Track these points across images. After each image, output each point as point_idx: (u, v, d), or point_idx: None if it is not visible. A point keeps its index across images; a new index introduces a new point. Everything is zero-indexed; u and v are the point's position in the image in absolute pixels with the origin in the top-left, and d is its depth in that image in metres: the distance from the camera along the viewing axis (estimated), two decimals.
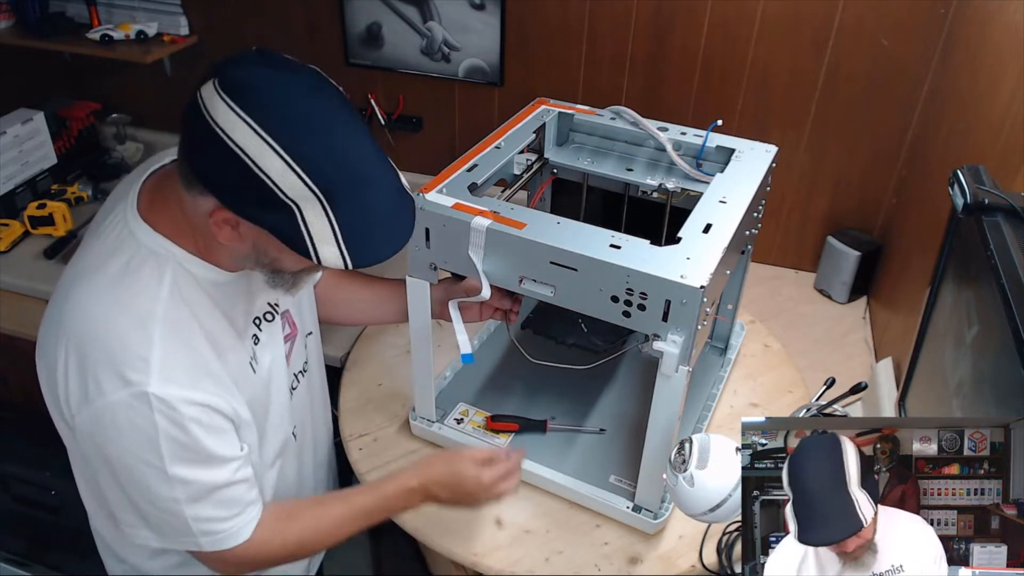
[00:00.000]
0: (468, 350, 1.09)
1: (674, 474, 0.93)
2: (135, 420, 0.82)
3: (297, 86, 0.77)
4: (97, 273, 0.86)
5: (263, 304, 1.01)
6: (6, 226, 1.89)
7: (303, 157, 0.74)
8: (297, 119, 0.75)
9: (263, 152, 0.73)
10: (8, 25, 2.06)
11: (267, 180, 0.74)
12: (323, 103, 0.78)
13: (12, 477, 1.90)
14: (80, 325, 0.84)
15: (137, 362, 0.81)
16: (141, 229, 0.87)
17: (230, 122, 0.73)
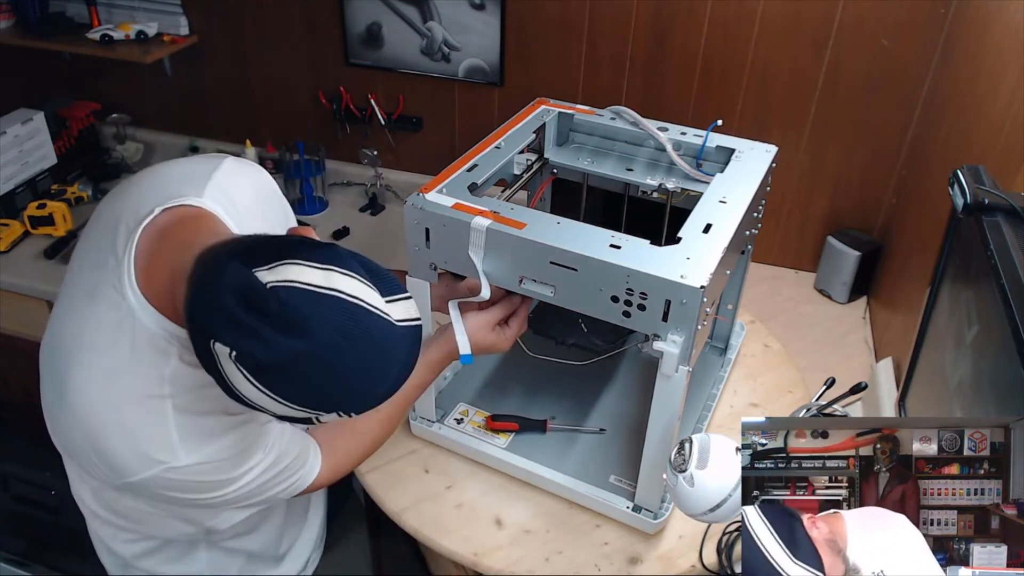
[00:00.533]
0: (468, 350, 1.09)
1: (674, 474, 0.93)
2: (175, 483, 0.83)
3: (314, 357, 0.68)
4: (97, 355, 0.81)
5: None
6: (6, 226, 1.89)
7: (308, 405, 0.71)
8: (309, 387, 0.69)
9: (272, 407, 0.71)
10: (8, 25, 2.06)
11: (258, 409, 0.72)
12: (345, 357, 0.69)
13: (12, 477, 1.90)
14: (90, 414, 0.81)
15: (160, 442, 0.80)
16: (143, 310, 0.81)
17: (242, 385, 0.69)
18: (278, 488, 0.93)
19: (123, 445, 0.80)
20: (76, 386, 0.81)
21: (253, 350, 0.67)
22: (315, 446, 0.99)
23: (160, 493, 0.84)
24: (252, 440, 0.88)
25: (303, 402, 0.71)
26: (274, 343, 0.67)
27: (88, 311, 0.83)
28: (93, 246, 0.88)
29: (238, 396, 0.71)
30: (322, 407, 0.72)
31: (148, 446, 0.80)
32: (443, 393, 1.35)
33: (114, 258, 0.83)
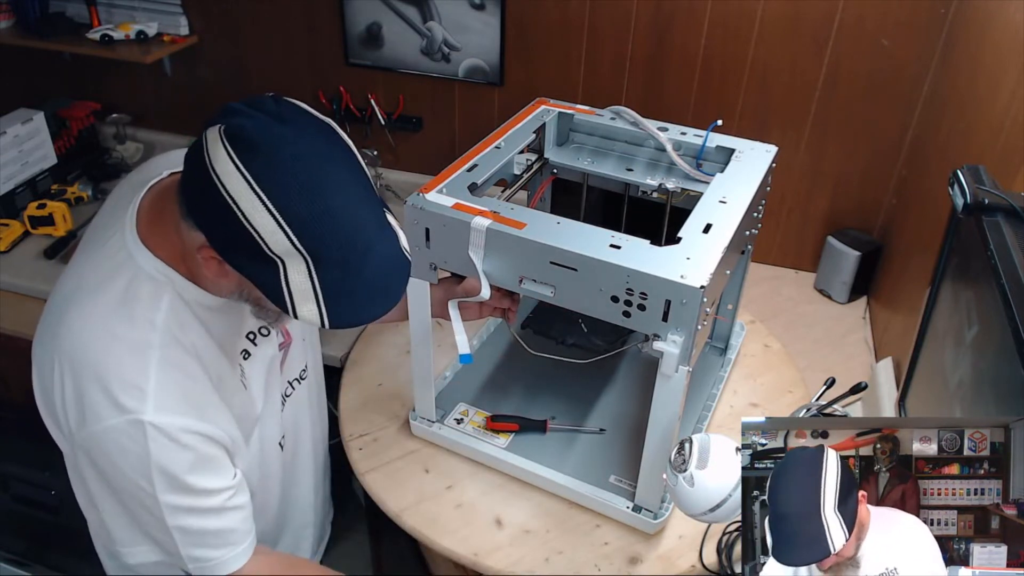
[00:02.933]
0: (467, 350, 1.10)
1: (674, 474, 0.93)
2: (128, 446, 0.82)
3: (304, 145, 0.75)
4: (94, 295, 0.85)
5: (256, 320, 1.00)
6: (6, 226, 1.89)
7: (295, 219, 0.73)
8: (296, 181, 0.74)
9: (255, 208, 0.73)
10: (8, 25, 2.06)
11: (255, 234, 0.73)
12: (327, 166, 0.76)
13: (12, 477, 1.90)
14: (76, 348, 0.84)
15: (132, 390, 0.82)
16: (140, 253, 0.86)
17: (228, 172, 0.73)
18: (196, 549, 0.91)
19: (99, 385, 0.82)
20: (70, 324, 0.85)
21: (243, 123, 0.74)
22: (250, 546, 0.96)
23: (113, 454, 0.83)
24: (208, 458, 0.88)
25: (283, 201, 0.72)
26: (264, 123, 0.74)
27: (92, 259, 0.89)
28: (108, 211, 0.94)
29: (218, 193, 0.73)
30: (300, 219, 0.73)
31: (121, 391, 0.81)
32: (443, 393, 1.35)
33: (122, 216, 0.89)
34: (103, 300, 0.85)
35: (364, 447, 1.29)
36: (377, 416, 1.35)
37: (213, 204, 0.74)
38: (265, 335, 1.02)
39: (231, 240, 0.75)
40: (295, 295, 0.77)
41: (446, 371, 1.39)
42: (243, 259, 0.76)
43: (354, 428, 1.32)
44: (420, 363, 1.22)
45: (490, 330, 1.52)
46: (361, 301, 0.80)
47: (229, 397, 0.93)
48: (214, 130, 0.74)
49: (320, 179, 0.75)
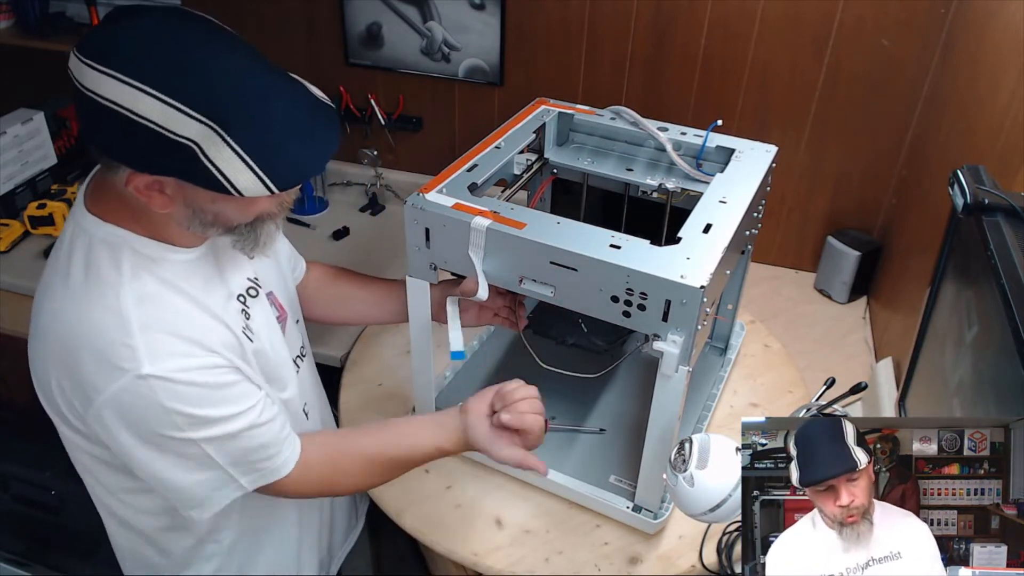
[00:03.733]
0: (459, 347, 1.09)
1: (674, 474, 0.93)
2: (139, 402, 0.82)
3: (155, 27, 0.75)
4: (60, 279, 0.86)
5: (242, 281, 0.99)
6: (6, 226, 1.89)
7: (178, 91, 0.72)
8: (161, 56, 0.73)
9: (136, 98, 0.71)
10: (8, 25, 2.06)
11: (151, 125, 0.72)
12: (189, 35, 0.75)
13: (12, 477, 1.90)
14: (57, 335, 0.84)
15: (123, 349, 0.81)
16: (89, 221, 0.86)
17: (96, 81, 0.72)
18: (247, 464, 0.90)
19: (90, 357, 0.81)
20: (46, 315, 0.85)
21: (89, 38, 0.74)
22: (294, 445, 0.96)
23: (129, 416, 0.83)
24: (223, 385, 0.87)
25: (155, 78, 0.71)
26: (108, 28, 0.74)
27: (53, 251, 0.90)
28: None
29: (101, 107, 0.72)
30: (182, 88, 0.72)
31: (112, 354, 0.81)
32: (443, 393, 1.35)
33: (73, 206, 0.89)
34: (69, 279, 0.85)
35: None
36: (377, 416, 1.35)
37: (102, 122, 0.73)
38: (254, 296, 1.00)
39: (138, 147, 0.74)
40: (225, 170, 0.75)
41: (446, 371, 1.39)
42: (161, 162, 0.75)
43: None
44: (420, 363, 1.22)
45: (490, 330, 1.52)
46: (294, 152, 0.78)
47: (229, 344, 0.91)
48: (72, 59, 0.74)
49: (188, 46, 0.74)
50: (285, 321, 1.08)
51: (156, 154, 0.74)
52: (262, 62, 0.79)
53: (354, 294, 1.26)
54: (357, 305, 1.27)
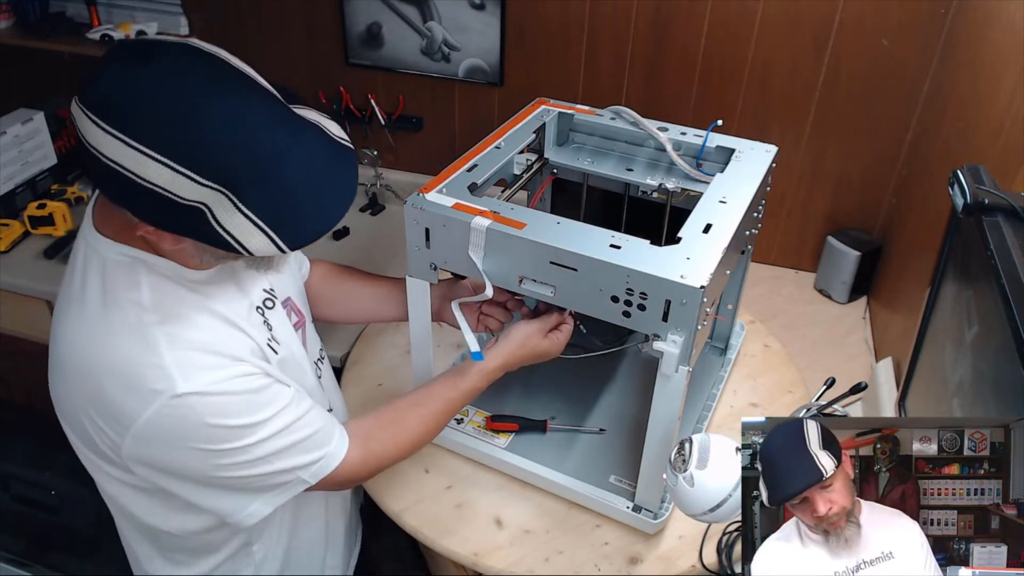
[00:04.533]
0: (477, 348, 1.08)
1: (674, 474, 0.93)
2: (180, 423, 0.79)
3: (162, 76, 0.70)
4: (77, 305, 0.83)
5: (259, 292, 0.97)
6: (6, 226, 1.89)
7: (186, 156, 0.69)
8: (168, 115, 0.69)
9: (143, 163, 0.69)
10: (8, 25, 2.06)
11: (159, 190, 0.70)
12: (199, 84, 0.71)
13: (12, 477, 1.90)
14: (78, 365, 0.81)
15: (152, 371, 0.78)
16: (101, 242, 0.83)
17: (101, 140, 0.69)
18: (297, 460, 0.89)
19: (119, 384, 0.78)
20: (64, 340, 0.82)
21: (94, 86, 0.69)
22: (341, 429, 0.96)
23: (170, 438, 0.80)
24: (258, 389, 0.85)
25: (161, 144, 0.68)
26: (114, 74, 0.69)
27: (68, 274, 0.86)
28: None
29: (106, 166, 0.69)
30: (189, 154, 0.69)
31: (142, 378, 0.77)
32: None
33: (82, 228, 0.87)
34: (86, 304, 0.82)
35: None
36: None
37: (110, 179, 0.70)
38: (270, 307, 0.98)
39: (146, 206, 0.71)
40: (235, 233, 0.73)
41: None
42: (169, 219, 0.72)
43: None
44: (420, 363, 1.22)
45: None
46: (309, 210, 0.75)
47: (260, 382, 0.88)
48: (74, 106, 0.70)
49: (191, 102, 0.70)
50: (304, 327, 1.08)
51: (164, 213, 0.72)
52: (276, 109, 0.75)
53: (358, 292, 1.26)
54: (361, 303, 1.26)
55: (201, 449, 0.82)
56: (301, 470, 0.90)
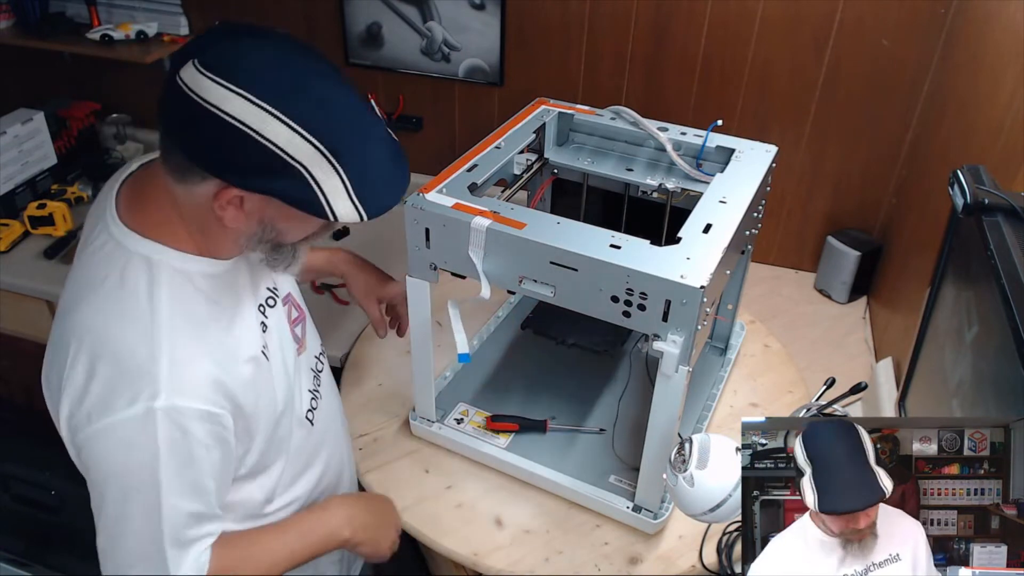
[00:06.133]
0: (465, 349, 1.09)
1: (674, 474, 0.93)
2: (137, 439, 0.80)
3: (275, 51, 0.78)
4: (95, 292, 0.84)
5: (264, 291, 0.99)
6: (6, 226, 1.89)
7: (303, 118, 0.75)
8: (286, 82, 0.76)
9: (264, 120, 0.74)
10: (8, 25, 2.06)
11: (274, 148, 0.74)
12: (305, 63, 0.79)
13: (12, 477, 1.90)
14: (91, 332, 0.82)
15: (145, 377, 0.80)
16: (126, 237, 0.85)
17: (222, 97, 0.73)
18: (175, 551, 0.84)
19: (111, 372, 0.80)
20: (74, 321, 0.83)
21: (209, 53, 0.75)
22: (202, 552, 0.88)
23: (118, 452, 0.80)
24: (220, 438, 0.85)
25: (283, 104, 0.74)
26: (226, 45, 0.77)
27: (84, 262, 0.88)
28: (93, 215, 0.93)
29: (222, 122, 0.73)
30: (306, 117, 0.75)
31: (134, 377, 0.80)
32: (443, 393, 1.35)
33: (104, 213, 0.88)
34: (104, 292, 0.84)
35: (364, 447, 1.29)
36: (377, 416, 1.35)
37: (219, 137, 0.74)
38: (272, 306, 0.99)
39: (249, 166, 0.76)
40: (329, 196, 0.78)
41: (446, 371, 1.39)
42: (267, 180, 0.77)
43: (354, 428, 1.32)
44: (420, 363, 1.22)
45: (490, 330, 1.52)
46: (382, 186, 0.82)
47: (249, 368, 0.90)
48: (188, 69, 0.75)
49: (307, 75, 0.78)
50: (304, 322, 1.08)
51: (266, 174, 0.76)
52: (361, 97, 0.82)
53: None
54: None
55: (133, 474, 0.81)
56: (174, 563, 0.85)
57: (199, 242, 0.87)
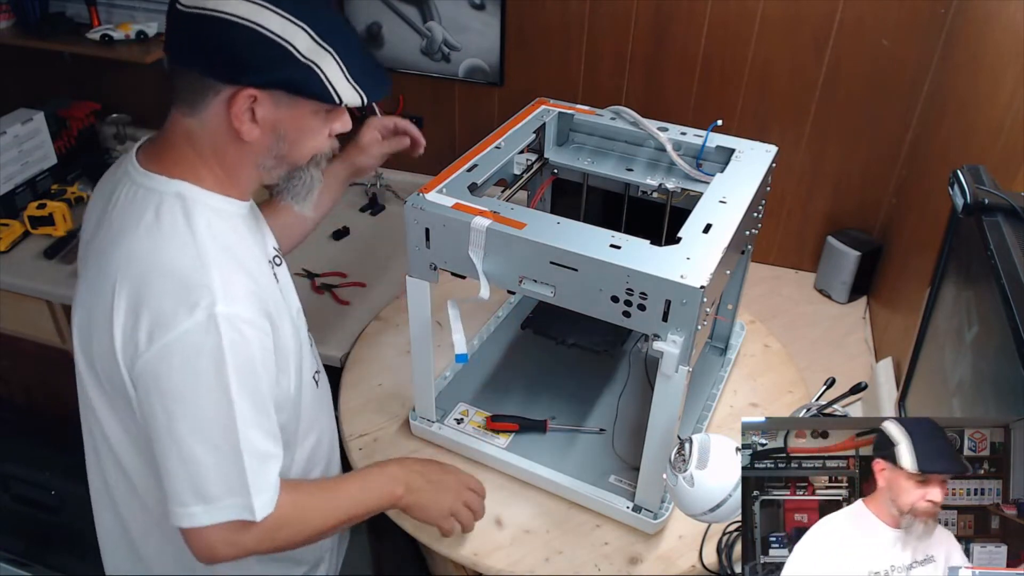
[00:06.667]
0: (463, 350, 1.09)
1: (674, 474, 0.93)
2: (204, 346, 0.83)
3: None
4: (133, 231, 0.88)
5: (271, 249, 1.03)
6: (6, 226, 1.89)
7: (291, 10, 0.83)
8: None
9: (258, 12, 0.81)
10: (8, 25, 2.06)
11: (272, 35, 0.82)
12: None
13: (12, 477, 1.90)
14: (133, 270, 0.86)
15: (201, 289, 0.84)
16: (154, 180, 0.90)
17: (236, 5, 0.81)
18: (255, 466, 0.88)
19: (169, 288, 0.84)
20: (120, 259, 0.87)
21: None
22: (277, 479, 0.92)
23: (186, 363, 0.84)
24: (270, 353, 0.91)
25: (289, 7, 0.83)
26: None
27: (113, 216, 0.92)
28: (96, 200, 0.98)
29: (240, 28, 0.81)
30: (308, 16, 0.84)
31: (189, 290, 0.84)
32: (443, 393, 1.35)
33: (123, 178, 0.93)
34: (142, 230, 0.87)
35: (364, 447, 1.29)
36: (377, 416, 1.35)
37: (223, 35, 0.81)
38: (279, 264, 1.03)
39: (255, 59, 0.83)
40: (330, 78, 0.86)
41: (446, 371, 1.39)
42: (271, 72, 0.84)
43: (354, 428, 1.32)
44: (420, 363, 1.22)
45: (490, 330, 1.52)
46: (371, 71, 0.91)
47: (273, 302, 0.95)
48: None
49: None
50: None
51: (269, 65, 0.83)
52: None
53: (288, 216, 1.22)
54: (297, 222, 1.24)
55: (202, 383, 0.84)
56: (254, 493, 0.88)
57: (220, 179, 0.92)
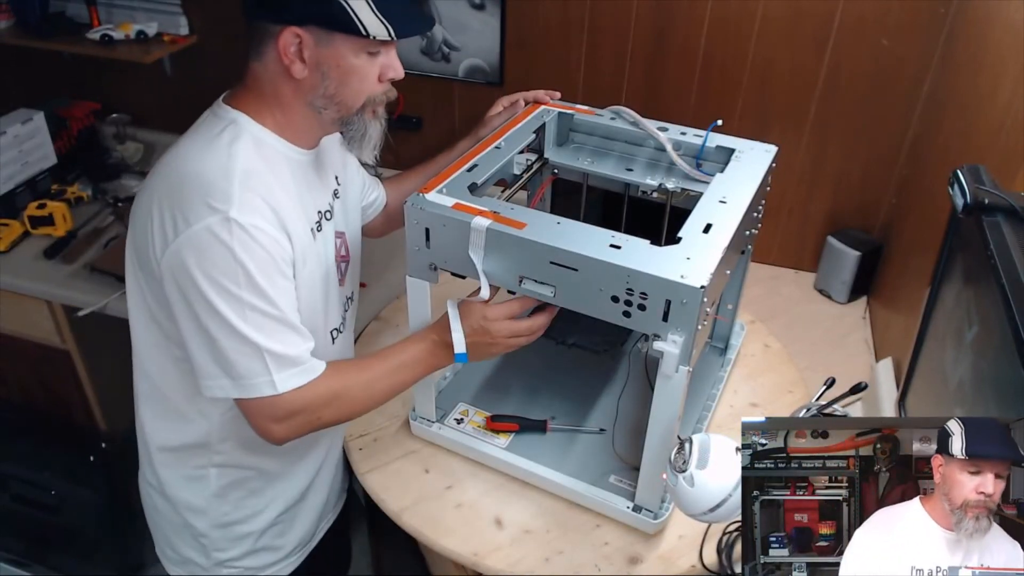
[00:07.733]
0: (463, 349, 1.09)
1: (674, 474, 0.93)
2: (215, 245, 0.91)
3: None
4: (184, 145, 0.99)
5: (325, 201, 1.11)
6: (6, 226, 1.89)
7: None
8: None
9: None
10: (8, 25, 2.06)
11: None
12: None
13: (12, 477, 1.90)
14: (169, 176, 0.96)
15: (220, 194, 0.92)
16: (223, 109, 1.01)
17: None
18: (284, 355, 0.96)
19: (196, 188, 0.93)
20: (166, 165, 0.99)
21: None
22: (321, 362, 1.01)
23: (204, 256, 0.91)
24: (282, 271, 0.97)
25: None
26: None
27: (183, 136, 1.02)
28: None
29: None
30: None
31: (209, 193, 0.92)
32: (443, 393, 1.35)
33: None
34: (191, 143, 0.99)
35: (364, 447, 1.29)
36: (377, 416, 1.35)
37: None
38: (328, 219, 1.11)
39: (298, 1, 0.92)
40: (355, 8, 0.92)
41: (446, 371, 1.39)
42: (313, 11, 0.92)
43: (354, 428, 1.32)
44: None
45: None
46: (410, 12, 0.98)
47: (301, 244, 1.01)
48: None
49: None
50: (348, 263, 1.19)
51: (312, 6, 0.92)
52: None
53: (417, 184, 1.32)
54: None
55: (219, 280, 0.92)
56: (279, 370, 0.96)
57: (280, 122, 1.01)
